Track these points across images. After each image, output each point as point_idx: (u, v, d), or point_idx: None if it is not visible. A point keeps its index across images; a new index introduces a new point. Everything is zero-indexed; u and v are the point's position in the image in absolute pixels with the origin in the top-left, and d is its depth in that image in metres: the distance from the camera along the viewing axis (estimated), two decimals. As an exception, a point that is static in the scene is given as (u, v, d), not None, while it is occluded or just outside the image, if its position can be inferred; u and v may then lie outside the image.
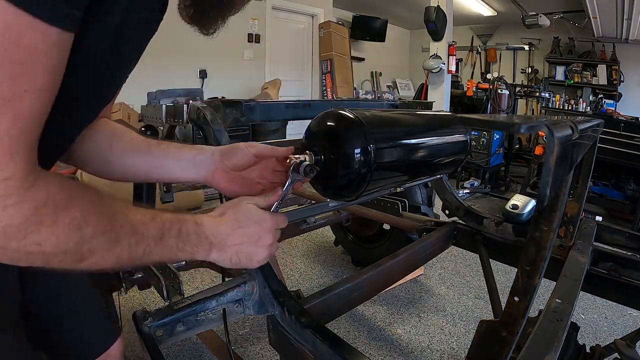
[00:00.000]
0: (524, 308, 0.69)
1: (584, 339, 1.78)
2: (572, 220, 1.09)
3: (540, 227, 0.75)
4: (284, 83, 5.17)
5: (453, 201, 1.38)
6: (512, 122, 0.59)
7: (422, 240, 1.28)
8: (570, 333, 0.89)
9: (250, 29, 5.27)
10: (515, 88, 5.37)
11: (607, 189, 3.59)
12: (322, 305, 0.87)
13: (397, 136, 0.71)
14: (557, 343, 0.64)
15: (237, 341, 1.69)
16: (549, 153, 0.51)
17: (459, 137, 0.93)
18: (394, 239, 2.12)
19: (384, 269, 1.07)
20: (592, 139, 0.91)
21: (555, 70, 6.25)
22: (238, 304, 0.84)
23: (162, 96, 3.73)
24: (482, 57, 7.27)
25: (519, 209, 2.56)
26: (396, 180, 0.87)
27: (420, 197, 1.88)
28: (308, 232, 2.02)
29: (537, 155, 3.73)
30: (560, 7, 5.37)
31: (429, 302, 2.07)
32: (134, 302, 1.98)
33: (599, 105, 5.55)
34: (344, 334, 1.78)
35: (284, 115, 1.24)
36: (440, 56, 4.88)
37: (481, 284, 2.22)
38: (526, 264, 0.73)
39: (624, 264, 1.03)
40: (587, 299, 2.09)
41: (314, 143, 0.64)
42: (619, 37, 5.29)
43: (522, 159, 5.55)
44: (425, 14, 4.71)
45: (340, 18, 6.46)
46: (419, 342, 1.74)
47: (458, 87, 6.23)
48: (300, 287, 2.19)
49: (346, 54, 6.04)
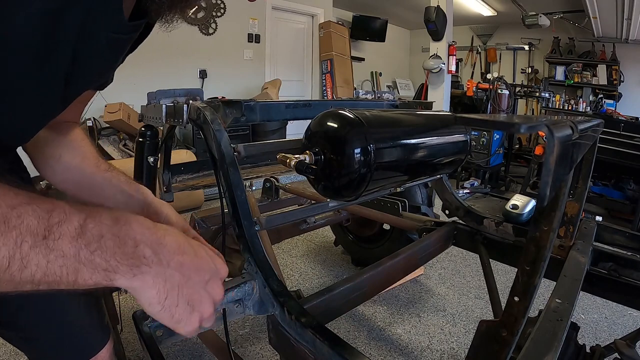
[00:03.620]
0: (524, 308, 0.69)
1: (584, 339, 1.78)
2: (572, 220, 1.09)
3: (540, 227, 0.74)
4: (284, 83, 5.17)
5: (453, 201, 1.38)
6: (512, 122, 0.59)
7: (422, 240, 1.28)
8: (570, 333, 0.89)
9: (250, 29, 5.27)
10: (515, 88, 5.36)
11: (607, 189, 3.59)
12: (322, 305, 0.87)
13: (397, 136, 0.71)
14: (557, 343, 0.63)
15: (237, 341, 1.68)
16: (549, 153, 0.51)
17: (459, 137, 0.94)
18: (394, 239, 2.11)
19: (384, 269, 1.07)
20: (592, 139, 0.91)
21: (555, 70, 6.25)
22: (238, 304, 0.84)
23: (162, 96, 3.74)
24: (482, 57, 7.27)
25: (519, 209, 2.56)
26: (396, 180, 0.87)
27: (420, 197, 1.88)
28: (308, 232, 2.02)
29: (537, 155, 3.73)
30: (560, 7, 5.37)
31: (429, 302, 2.07)
32: (134, 302, 1.98)
33: (599, 105, 5.54)
34: (344, 334, 1.77)
35: (284, 115, 1.24)
36: (440, 56, 4.88)
37: (481, 284, 2.22)
38: (526, 264, 0.73)
39: (624, 264, 1.03)
40: (587, 299, 2.09)
41: (314, 143, 0.64)
42: (619, 37, 5.29)
43: (522, 159, 5.55)
44: (425, 14, 4.71)
45: (340, 18, 6.46)
46: (419, 342, 1.74)
47: (458, 87, 6.23)
48: (300, 287, 2.19)
49: (346, 54, 6.04)
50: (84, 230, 0.32)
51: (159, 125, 1.26)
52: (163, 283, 0.36)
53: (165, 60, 4.30)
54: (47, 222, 0.30)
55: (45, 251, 0.29)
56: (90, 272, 0.32)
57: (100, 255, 0.32)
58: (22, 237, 0.28)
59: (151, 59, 4.00)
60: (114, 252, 0.33)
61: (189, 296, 0.39)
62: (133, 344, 1.61)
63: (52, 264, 0.30)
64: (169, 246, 0.38)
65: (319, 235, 2.85)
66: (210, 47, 4.84)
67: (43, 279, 0.30)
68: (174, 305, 0.38)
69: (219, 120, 0.94)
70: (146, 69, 3.97)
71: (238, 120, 1.06)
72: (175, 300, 0.38)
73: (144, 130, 1.38)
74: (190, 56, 4.68)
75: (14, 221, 0.28)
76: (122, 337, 1.59)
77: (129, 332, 1.66)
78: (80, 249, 0.31)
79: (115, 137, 3.73)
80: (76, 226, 0.31)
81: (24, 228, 0.29)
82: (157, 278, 0.36)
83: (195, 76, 4.85)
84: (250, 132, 4.40)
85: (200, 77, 4.88)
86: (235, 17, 5.02)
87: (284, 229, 1.76)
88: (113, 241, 0.33)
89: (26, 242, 0.29)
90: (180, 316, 0.39)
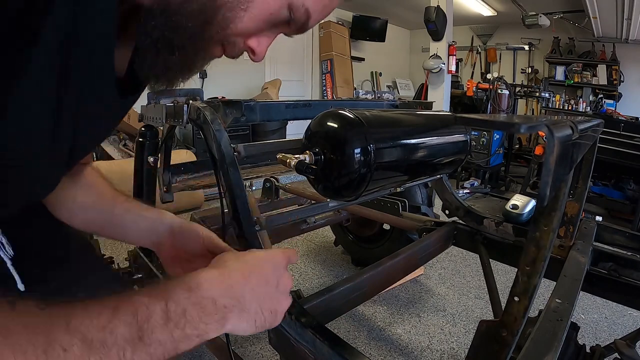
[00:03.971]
0: (524, 308, 0.69)
1: (584, 339, 1.78)
2: (572, 220, 1.09)
3: (540, 227, 0.75)
4: (284, 83, 5.17)
5: (453, 201, 1.38)
6: (512, 122, 0.59)
7: (422, 240, 1.28)
8: (570, 333, 0.89)
9: (250, 29, 5.27)
10: (515, 88, 5.37)
11: (607, 189, 3.59)
12: (322, 305, 0.87)
13: (397, 136, 0.71)
14: (557, 343, 0.63)
15: (237, 341, 1.68)
16: (549, 153, 0.51)
17: (459, 137, 0.93)
18: (394, 239, 2.11)
19: (384, 269, 1.07)
20: (592, 139, 0.91)
21: (555, 70, 6.25)
22: (238, 304, 0.84)
23: (162, 96, 3.73)
24: (482, 57, 7.27)
25: (519, 209, 2.56)
26: (396, 180, 0.87)
27: (420, 197, 1.88)
28: (308, 232, 2.02)
29: (537, 155, 3.73)
30: (560, 7, 5.37)
31: (429, 302, 2.07)
32: (134, 302, 1.98)
33: (599, 105, 5.54)
34: (344, 334, 1.77)
35: (284, 115, 1.24)
36: (440, 56, 4.88)
37: (481, 284, 2.22)
38: (526, 264, 0.73)
39: (624, 264, 1.03)
40: (587, 299, 2.09)
41: (314, 143, 0.64)
42: (619, 37, 5.29)
43: (522, 159, 5.55)
44: (425, 14, 4.70)
45: (340, 18, 6.46)
46: (419, 342, 1.74)
47: (458, 87, 6.23)
48: (300, 287, 2.19)
49: (346, 54, 6.05)
50: (169, 315, 0.35)
51: (159, 125, 1.25)
52: (247, 315, 0.42)
53: (165, 60, 4.30)
54: (137, 324, 0.33)
55: (145, 348, 0.33)
56: (186, 344, 0.36)
57: (190, 327, 0.36)
58: (122, 350, 0.31)
59: (151, 59, 3.99)
60: (200, 319, 0.37)
61: (270, 306, 0.45)
62: (133, 344, 1.61)
63: (154, 353, 0.34)
64: (237, 282, 0.42)
65: (319, 235, 2.85)
66: (210, 47, 4.84)
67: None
68: (262, 320, 0.44)
69: (219, 120, 0.94)
70: (146, 69, 3.96)
71: (238, 120, 1.06)
72: (262, 317, 0.44)
73: (144, 130, 1.38)
74: (190, 56, 4.68)
75: (109, 340, 0.31)
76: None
77: (129, 332, 1.66)
78: (172, 331, 0.35)
79: (115, 137, 3.73)
80: (161, 315, 0.35)
81: (120, 341, 0.31)
82: (241, 315, 0.41)
83: (195, 76, 4.84)
84: (250, 132, 4.40)
85: (200, 77, 4.88)
86: (235, 17, 5.01)
87: (284, 229, 1.75)
88: (196, 310, 0.37)
89: (127, 351, 0.32)
90: (271, 323, 0.46)
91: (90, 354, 0.29)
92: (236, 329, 0.41)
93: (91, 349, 0.30)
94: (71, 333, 0.29)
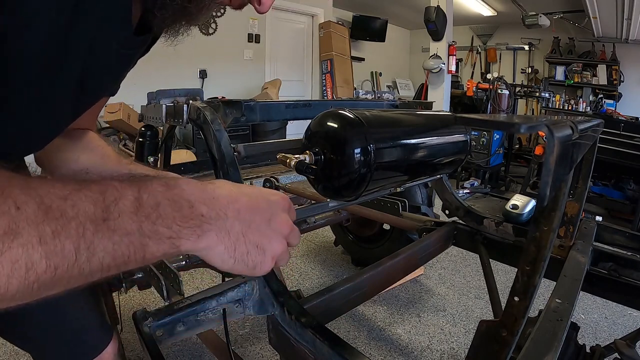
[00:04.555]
0: (524, 308, 0.68)
1: (584, 339, 1.78)
2: (572, 220, 1.09)
3: (540, 227, 0.74)
4: (284, 83, 5.17)
5: (453, 201, 1.38)
6: (512, 122, 0.59)
7: (422, 240, 1.28)
8: (570, 333, 0.89)
9: (250, 29, 5.28)
10: (515, 88, 5.37)
11: (607, 189, 3.59)
12: (322, 305, 0.87)
13: (397, 136, 0.71)
14: (557, 343, 0.63)
15: (237, 341, 1.68)
16: (549, 153, 0.51)
17: (459, 137, 0.94)
18: (394, 239, 2.12)
19: (384, 269, 1.07)
20: (592, 139, 0.91)
21: (555, 70, 6.25)
22: (238, 304, 0.84)
23: (162, 96, 3.74)
24: (482, 57, 7.27)
25: (519, 209, 2.56)
26: (396, 180, 0.87)
27: (420, 197, 1.88)
28: (308, 232, 2.02)
29: (537, 155, 3.73)
30: (560, 7, 5.37)
31: (429, 302, 2.07)
32: (134, 302, 1.98)
33: (599, 105, 5.54)
34: (344, 334, 1.77)
35: (284, 115, 1.24)
36: (440, 56, 4.88)
37: (481, 284, 2.22)
38: (526, 264, 0.73)
39: (624, 264, 1.03)
40: (587, 299, 2.09)
41: (314, 143, 0.64)
42: (619, 37, 5.29)
43: (522, 159, 5.55)
44: (425, 14, 4.71)
45: (340, 18, 6.46)
46: (419, 342, 1.74)
47: (458, 87, 6.23)
48: (300, 287, 2.19)
49: (346, 54, 6.04)
50: (141, 203, 0.30)
51: (159, 125, 1.26)
52: (227, 236, 0.36)
53: (165, 60, 4.30)
54: (103, 203, 0.28)
55: (109, 233, 0.28)
56: (156, 243, 0.31)
57: (162, 224, 0.31)
58: (82, 225, 0.27)
59: (151, 59, 3.96)
60: (173, 217, 0.32)
61: (257, 240, 0.39)
62: (133, 344, 1.61)
63: (119, 245, 0.29)
64: (222, 198, 0.37)
65: (319, 235, 2.85)
66: (210, 47, 4.84)
67: (112, 262, 0.29)
68: (245, 253, 0.38)
69: (219, 120, 0.94)
70: (146, 68, 3.97)
71: (238, 120, 1.06)
72: (244, 248, 0.38)
73: (144, 130, 1.38)
74: (190, 56, 4.68)
75: (70, 212, 0.27)
76: (122, 337, 1.59)
77: (129, 332, 1.66)
78: (142, 222, 0.30)
79: (115, 137, 3.73)
80: (132, 200, 0.30)
81: (81, 216, 0.27)
82: (220, 233, 0.36)
83: (195, 76, 4.85)
84: (250, 132, 4.40)
85: (200, 77, 4.88)
86: (235, 17, 4.99)
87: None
88: (170, 207, 0.32)
89: (88, 230, 0.27)
90: (254, 262, 0.39)
91: (45, 219, 0.25)
92: (213, 252, 0.36)
93: (47, 215, 0.25)
94: (28, 194, 0.25)
